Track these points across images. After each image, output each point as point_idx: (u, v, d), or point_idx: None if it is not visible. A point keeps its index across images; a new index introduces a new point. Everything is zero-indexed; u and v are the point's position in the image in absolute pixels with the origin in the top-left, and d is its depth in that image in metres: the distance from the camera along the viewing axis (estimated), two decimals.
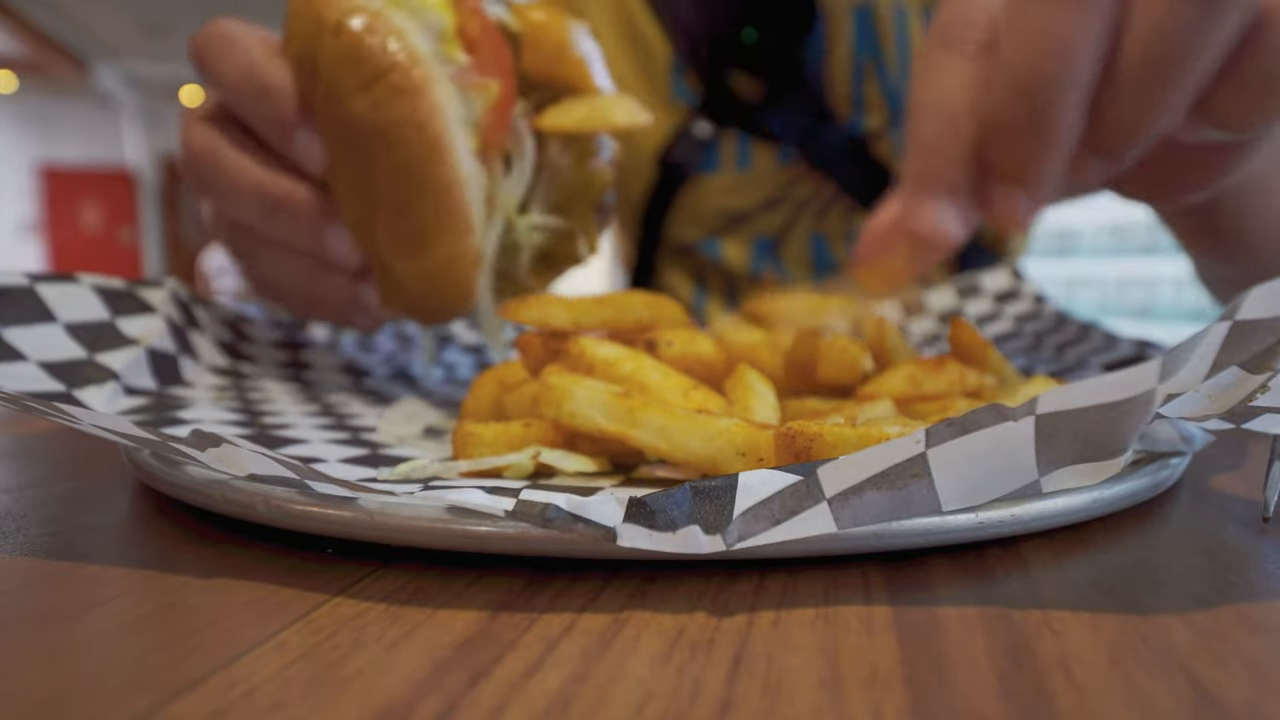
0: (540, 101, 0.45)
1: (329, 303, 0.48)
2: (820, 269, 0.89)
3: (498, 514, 0.23)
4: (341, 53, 0.40)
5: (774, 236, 0.90)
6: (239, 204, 0.45)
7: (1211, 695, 0.18)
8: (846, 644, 0.20)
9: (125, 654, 0.20)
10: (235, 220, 0.47)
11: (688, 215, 0.91)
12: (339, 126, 0.42)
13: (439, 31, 0.42)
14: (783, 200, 0.88)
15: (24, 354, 0.38)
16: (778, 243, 0.90)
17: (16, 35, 6.64)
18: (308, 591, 0.23)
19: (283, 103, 0.43)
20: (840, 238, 0.89)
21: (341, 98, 0.41)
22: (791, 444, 0.28)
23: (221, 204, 0.46)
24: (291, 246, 0.46)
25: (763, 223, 0.89)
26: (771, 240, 0.90)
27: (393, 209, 0.42)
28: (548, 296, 0.37)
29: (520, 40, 0.45)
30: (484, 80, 0.42)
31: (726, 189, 0.88)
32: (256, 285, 0.51)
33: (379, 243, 0.44)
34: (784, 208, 0.88)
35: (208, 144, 0.45)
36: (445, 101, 0.41)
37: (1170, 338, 0.46)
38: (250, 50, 0.44)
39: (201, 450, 0.26)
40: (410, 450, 0.36)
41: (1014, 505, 0.26)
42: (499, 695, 0.18)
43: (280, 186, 0.44)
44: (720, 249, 0.91)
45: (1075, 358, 0.52)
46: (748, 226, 0.90)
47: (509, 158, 0.44)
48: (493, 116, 0.42)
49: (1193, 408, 0.25)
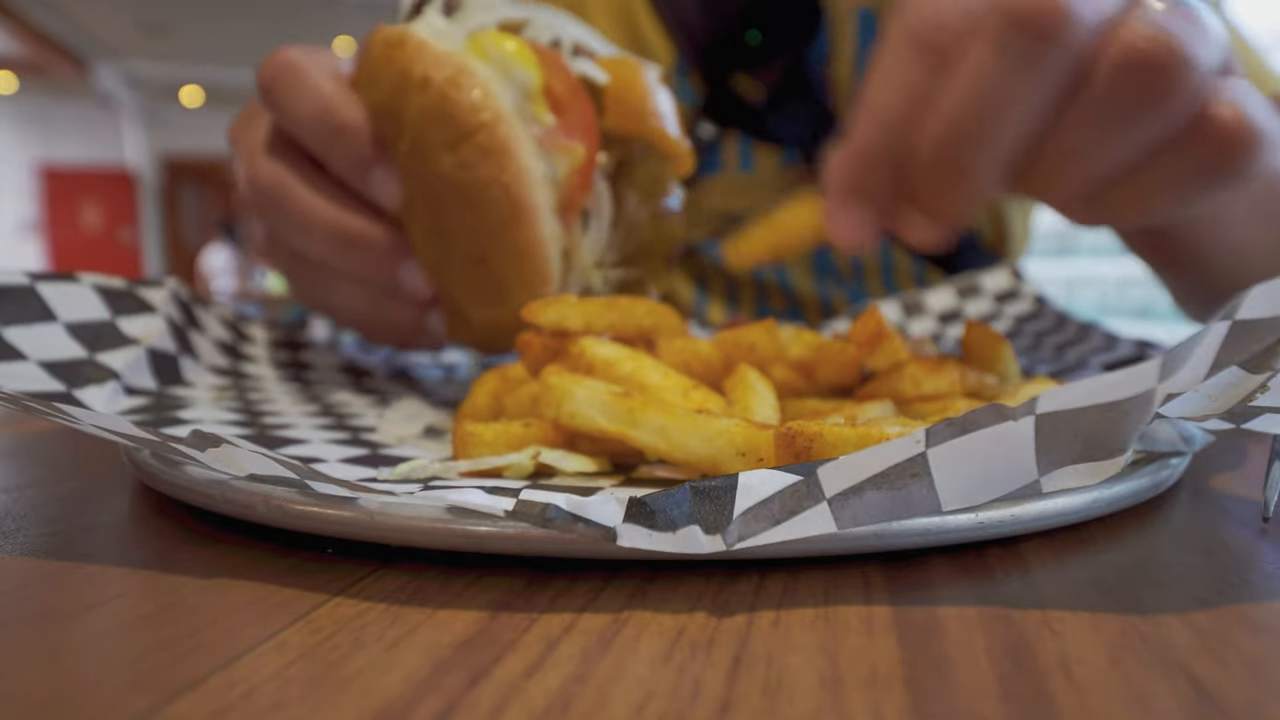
0: (620, 157, 0.45)
1: (393, 328, 0.48)
2: (821, 271, 0.89)
3: (498, 514, 0.23)
4: (427, 108, 0.40)
5: None
6: (309, 238, 0.45)
7: (1211, 695, 0.18)
8: (846, 644, 0.20)
9: (125, 654, 0.20)
10: (301, 251, 0.47)
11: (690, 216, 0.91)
12: (423, 178, 0.42)
13: (525, 89, 0.41)
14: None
15: (24, 353, 0.38)
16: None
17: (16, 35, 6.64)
18: (308, 591, 0.23)
19: (360, 142, 0.43)
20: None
21: (427, 153, 0.41)
22: (791, 444, 0.28)
23: (288, 236, 0.46)
24: (361, 279, 0.46)
25: None
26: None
27: (471, 259, 0.42)
28: (565, 298, 0.37)
29: (602, 95, 0.44)
30: (570, 144, 0.42)
31: (729, 190, 0.88)
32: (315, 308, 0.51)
33: (454, 286, 0.44)
34: None
35: (276, 178, 0.45)
36: (531, 163, 0.41)
37: (1170, 338, 0.46)
38: (322, 86, 0.43)
39: (201, 450, 0.26)
40: (410, 450, 0.36)
41: (1014, 505, 0.26)
42: (499, 695, 0.18)
43: (355, 224, 0.44)
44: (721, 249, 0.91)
45: (1075, 358, 0.52)
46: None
47: (587, 213, 0.44)
48: (576, 178, 0.42)
49: (1193, 408, 0.25)
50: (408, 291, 0.46)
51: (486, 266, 0.42)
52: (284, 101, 0.44)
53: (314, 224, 0.44)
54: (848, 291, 0.89)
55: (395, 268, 0.45)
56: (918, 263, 0.88)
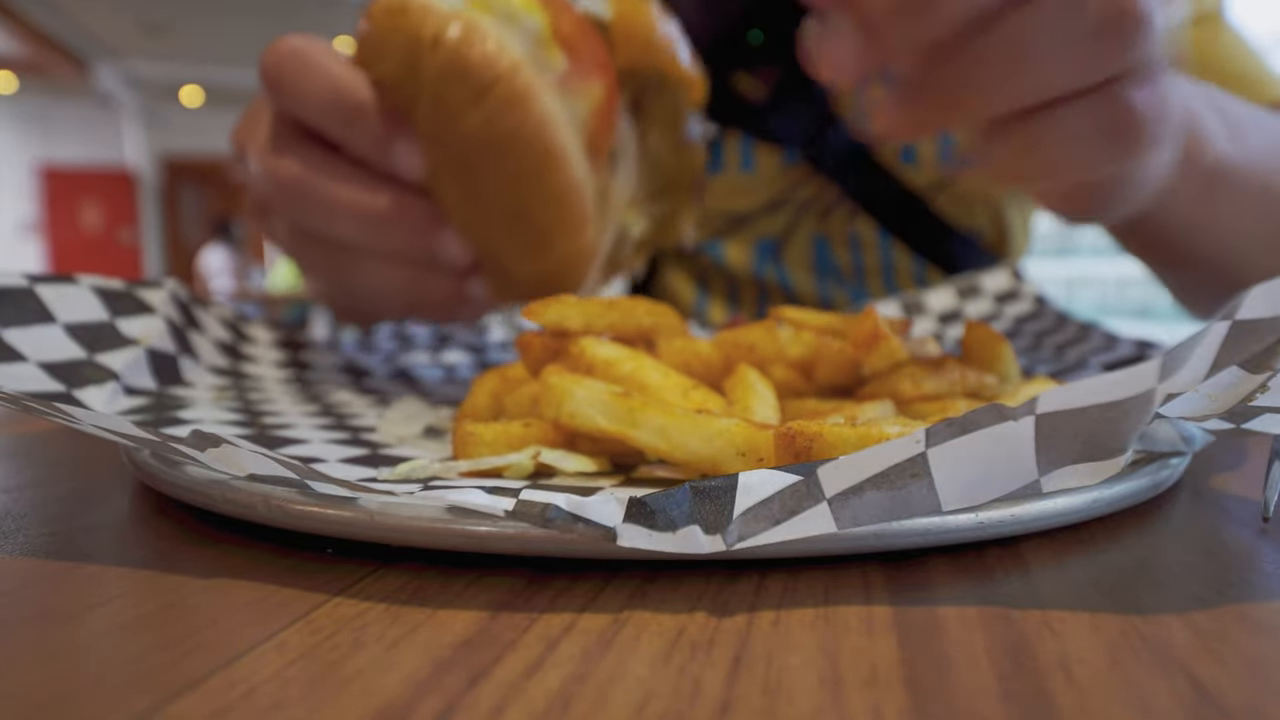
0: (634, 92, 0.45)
1: (434, 303, 0.48)
2: (822, 271, 0.89)
3: (498, 514, 0.23)
4: (443, 68, 0.40)
5: (777, 239, 0.89)
6: (338, 224, 0.44)
7: (1211, 695, 0.18)
8: (846, 644, 0.20)
9: (125, 654, 0.20)
10: (331, 239, 0.46)
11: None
12: (448, 139, 0.41)
13: (535, 35, 0.41)
14: (786, 202, 0.88)
15: (24, 354, 0.38)
16: (780, 245, 0.89)
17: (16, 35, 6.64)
18: (308, 591, 0.23)
19: (377, 119, 0.42)
20: (843, 240, 0.88)
21: (449, 114, 0.40)
22: (791, 444, 0.28)
23: (316, 226, 0.45)
24: (398, 256, 0.45)
25: (765, 224, 0.89)
26: (774, 242, 0.90)
27: (508, 215, 0.42)
28: (564, 298, 0.37)
29: (611, 32, 0.44)
30: (587, 85, 0.42)
31: (730, 190, 0.88)
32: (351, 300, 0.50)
33: (494, 245, 0.44)
34: (787, 209, 0.88)
35: (294, 170, 0.44)
36: (554, 108, 0.41)
37: (1170, 338, 0.46)
38: (330, 68, 0.43)
39: (201, 450, 0.26)
40: (410, 450, 0.36)
41: (1014, 505, 0.26)
42: (499, 695, 0.18)
43: (383, 201, 0.44)
44: (723, 251, 0.91)
45: (1075, 358, 0.52)
46: (750, 228, 0.90)
47: (614, 153, 0.44)
48: (598, 119, 0.42)
49: (1193, 408, 0.25)
50: (447, 261, 0.45)
51: (524, 219, 0.42)
52: (293, 88, 0.43)
53: (341, 208, 0.44)
54: (848, 291, 0.89)
55: (431, 239, 0.44)
56: (918, 262, 0.87)
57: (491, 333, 0.72)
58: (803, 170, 0.86)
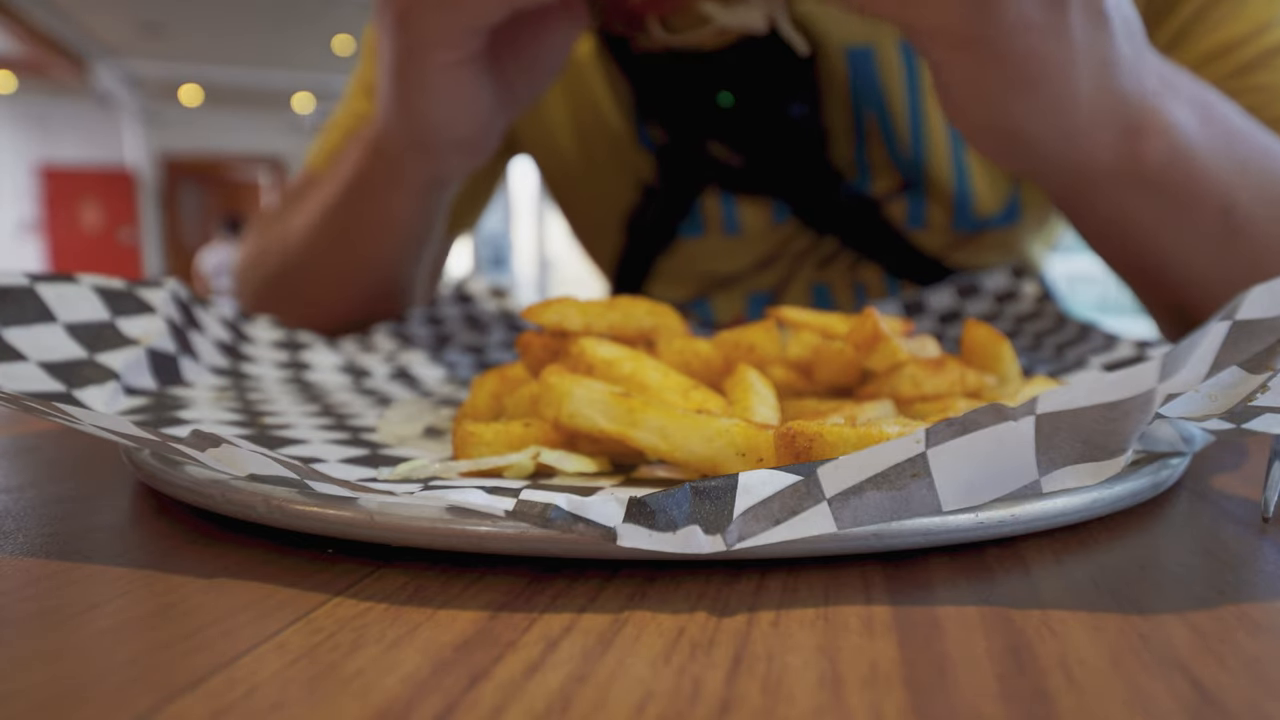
0: None
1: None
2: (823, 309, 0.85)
3: (498, 514, 0.23)
4: None
5: (770, 291, 0.82)
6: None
7: (1211, 695, 0.18)
8: (846, 644, 0.20)
9: (125, 654, 0.20)
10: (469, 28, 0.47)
11: (671, 278, 0.83)
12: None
13: None
14: (778, 257, 0.80)
15: (24, 354, 0.38)
16: (775, 296, 0.82)
17: (16, 35, 6.64)
18: (308, 591, 0.23)
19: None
20: (847, 287, 0.80)
21: None
22: (791, 444, 0.28)
23: (464, 21, 0.47)
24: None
25: (757, 281, 0.82)
26: (768, 295, 0.82)
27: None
28: (565, 299, 0.37)
29: None
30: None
31: (713, 253, 0.80)
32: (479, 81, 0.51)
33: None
34: (780, 264, 0.80)
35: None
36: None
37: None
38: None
39: (201, 450, 0.26)
40: (410, 450, 0.36)
41: (1014, 505, 0.26)
42: (499, 695, 0.18)
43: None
44: (711, 308, 0.84)
45: (1075, 358, 0.52)
46: (740, 285, 0.82)
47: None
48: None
49: (1193, 408, 0.25)
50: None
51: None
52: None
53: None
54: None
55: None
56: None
57: (492, 333, 0.72)
58: (794, 225, 0.77)
